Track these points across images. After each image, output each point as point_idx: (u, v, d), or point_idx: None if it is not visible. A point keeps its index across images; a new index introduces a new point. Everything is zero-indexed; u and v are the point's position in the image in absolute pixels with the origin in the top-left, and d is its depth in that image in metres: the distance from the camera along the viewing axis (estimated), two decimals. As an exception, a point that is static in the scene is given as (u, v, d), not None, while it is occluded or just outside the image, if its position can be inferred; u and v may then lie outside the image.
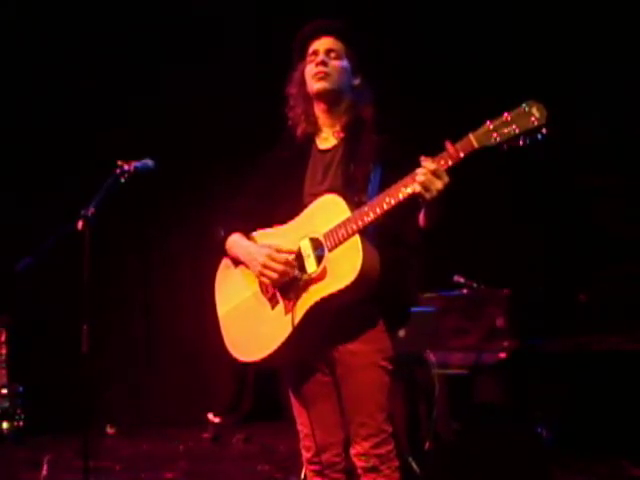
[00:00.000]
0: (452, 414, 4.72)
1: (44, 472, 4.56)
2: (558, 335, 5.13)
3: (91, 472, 2.97)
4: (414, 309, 4.87)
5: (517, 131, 2.22)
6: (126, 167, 3.10)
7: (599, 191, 5.73)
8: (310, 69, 2.67)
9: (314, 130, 2.75)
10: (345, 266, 2.38)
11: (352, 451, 2.56)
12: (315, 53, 2.68)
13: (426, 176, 2.27)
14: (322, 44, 2.67)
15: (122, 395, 7.24)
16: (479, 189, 5.70)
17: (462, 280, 5.14)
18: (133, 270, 7.53)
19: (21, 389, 6.69)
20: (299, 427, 2.71)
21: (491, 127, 2.25)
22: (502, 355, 4.98)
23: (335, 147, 2.69)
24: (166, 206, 7.50)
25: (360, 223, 2.38)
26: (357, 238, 2.39)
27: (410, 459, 4.08)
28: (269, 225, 2.67)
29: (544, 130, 2.21)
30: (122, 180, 3.09)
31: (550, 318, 5.27)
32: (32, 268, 3.23)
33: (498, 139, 2.24)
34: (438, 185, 2.27)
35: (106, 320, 6.78)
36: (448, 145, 2.29)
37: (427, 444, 4.41)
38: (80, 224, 2.97)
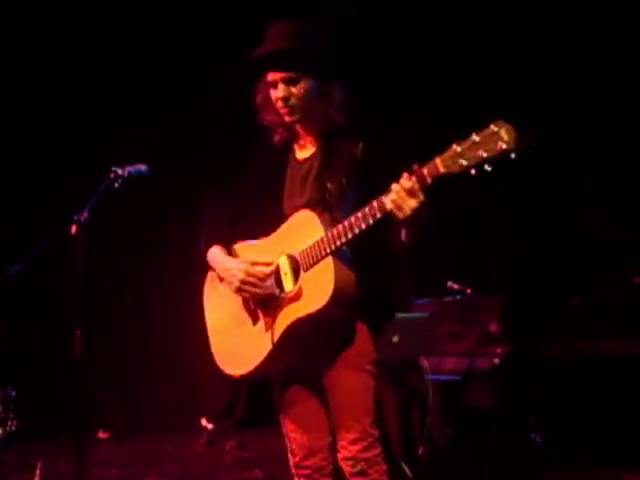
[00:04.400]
0: (445, 419, 4.73)
1: (36, 477, 4.53)
2: (552, 340, 5.13)
3: (83, 477, 2.96)
4: (408, 314, 4.91)
5: (484, 156, 2.06)
6: (120, 172, 3.11)
7: (592, 195, 5.75)
8: (274, 100, 2.56)
9: (291, 136, 2.69)
10: (318, 289, 2.37)
11: (339, 455, 2.55)
12: (274, 85, 2.55)
13: (399, 194, 2.19)
14: (276, 75, 2.53)
15: (115, 400, 7.22)
16: (471, 196, 5.71)
17: (455, 286, 5.15)
18: (126, 275, 7.52)
19: (14, 393, 6.67)
20: (285, 432, 2.71)
21: (458, 150, 2.10)
22: (495, 361, 4.98)
23: (311, 157, 2.64)
24: (160, 210, 7.49)
25: (333, 246, 2.35)
26: (330, 260, 2.37)
27: (403, 464, 4.08)
28: (252, 235, 2.66)
29: (512, 155, 2.06)
30: (116, 185, 3.09)
31: (544, 323, 5.27)
32: (24, 273, 3.22)
33: (465, 164, 2.09)
34: (412, 204, 2.19)
35: (99, 324, 6.76)
36: (416, 168, 2.19)
37: (420, 449, 4.41)
38: (73, 229, 2.97)
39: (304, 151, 2.68)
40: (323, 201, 2.50)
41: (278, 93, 2.54)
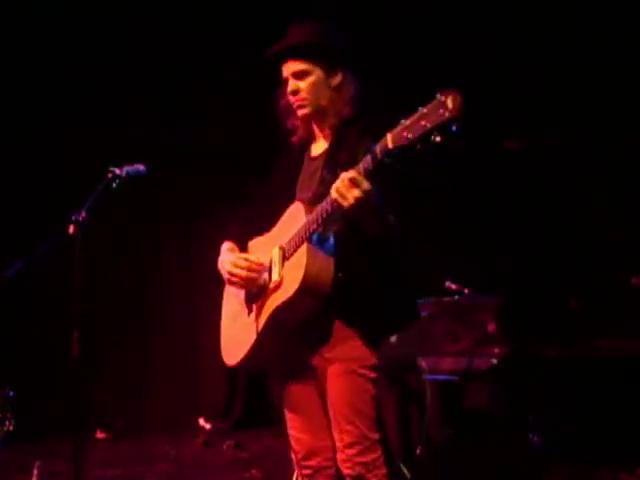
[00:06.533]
0: (443, 420, 4.73)
1: (34, 477, 4.53)
2: (550, 340, 5.14)
3: (81, 477, 2.95)
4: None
5: (428, 126, 2.02)
6: (118, 172, 3.11)
7: (592, 195, 5.76)
8: (288, 96, 2.67)
9: (309, 136, 2.76)
10: (292, 275, 2.41)
11: (337, 458, 2.55)
12: (286, 82, 2.65)
13: (341, 182, 2.22)
14: (287, 69, 2.63)
15: (113, 400, 7.21)
16: (469, 195, 5.72)
17: (453, 286, 5.14)
18: (125, 275, 7.51)
19: (11, 394, 6.66)
20: (289, 431, 2.72)
21: (407, 123, 2.09)
22: (493, 361, 4.98)
23: (323, 152, 2.70)
24: (159, 210, 7.48)
25: (307, 233, 2.39)
26: (304, 247, 2.39)
27: (401, 465, 4.08)
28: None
29: (455, 124, 2.00)
30: (114, 185, 3.10)
31: (542, 323, 5.27)
32: (23, 273, 3.22)
33: (410, 137, 2.06)
34: (355, 193, 2.21)
35: (98, 324, 6.76)
36: (372, 148, 2.21)
37: (418, 449, 4.41)
38: (71, 228, 2.97)
39: (318, 148, 2.74)
40: (322, 193, 2.50)
41: (288, 88, 2.63)
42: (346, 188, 2.21)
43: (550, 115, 5.59)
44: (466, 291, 5.14)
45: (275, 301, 2.47)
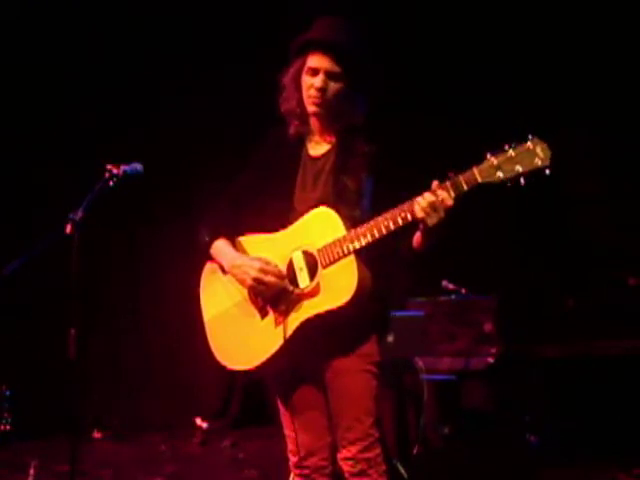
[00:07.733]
0: (440, 419, 4.73)
1: (30, 477, 4.53)
2: (546, 340, 5.14)
3: (78, 477, 2.95)
4: (402, 314, 4.91)
5: (521, 170, 2.27)
6: (115, 171, 3.10)
7: (589, 196, 5.76)
8: (307, 86, 2.59)
9: (306, 132, 2.71)
10: (340, 285, 2.41)
11: (339, 455, 2.55)
12: (315, 72, 2.57)
13: (433, 204, 2.31)
14: (323, 63, 2.54)
15: (110, 399, 7.21)
16: (467, 196, 5.71)
17: (450, 286, 5.15)
18: (122, 274, 7.50)
19: (8, 393, 6.65)
20: (286, 431, 2.69)
21: (495, 163, 2.28)
22: (490, 360, 4.99)
23: (326, 154, 2.66)
24: (158, 210, 7.48)
25: (357, 245, 2.40)
26: (352, 258, 2.41)
27: (398, 464, 4.08)
28: (255, 229, 2.65)
29: (547, 171, 2.27)
30: (111, 184, 3.09)
31: (538, 323, 5.28)
32: (20, 272, 3.22)
33: (502, 176, 2.28)
34: (441, 213, 2.31)
35: (94, 324, 6.76)
36: (451, 175, 2.32)
37: (415, 449, 4.42)
38: (68, 228, 2.96)
39: (318, 148, 2.69)
40: (338, 197, 2.52)
41: (316, 82, 2.56)
42: (433, 209, 2.31)
43: (550, 115, 5.60)
44: (463, 291, 5.15)
45: (311, 308, 2.44)
